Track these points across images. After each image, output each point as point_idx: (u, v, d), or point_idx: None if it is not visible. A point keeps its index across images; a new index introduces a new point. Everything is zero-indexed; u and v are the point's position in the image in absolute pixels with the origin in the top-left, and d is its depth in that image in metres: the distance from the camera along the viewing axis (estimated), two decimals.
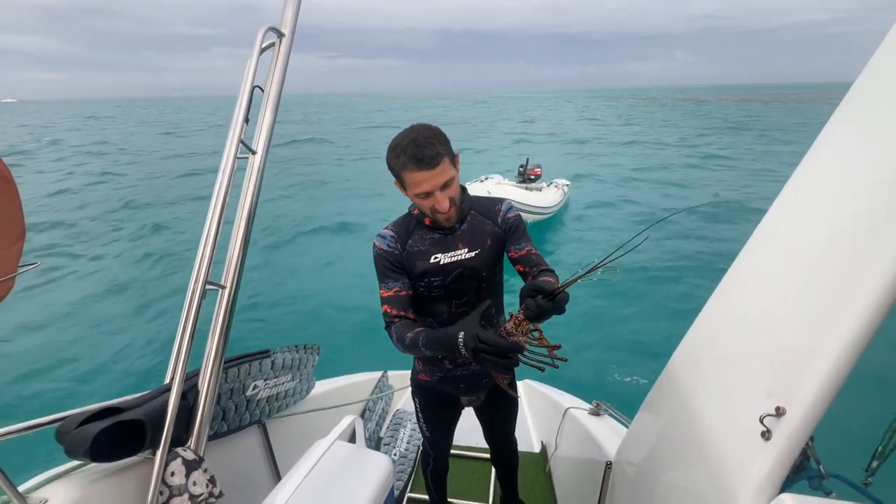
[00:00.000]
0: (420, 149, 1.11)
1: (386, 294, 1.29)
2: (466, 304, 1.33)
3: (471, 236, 1.30)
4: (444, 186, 1.17)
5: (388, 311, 1.28)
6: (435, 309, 1.35)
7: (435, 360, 1.43)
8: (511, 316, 1.04)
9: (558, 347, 1.02)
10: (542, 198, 10.53)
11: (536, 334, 1.02)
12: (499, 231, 1.32)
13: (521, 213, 1.39)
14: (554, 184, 11.78)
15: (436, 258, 1.28)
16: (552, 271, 1.27)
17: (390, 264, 1.29)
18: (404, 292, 1.28)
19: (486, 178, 11.34)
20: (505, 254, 1.36)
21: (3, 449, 0.96)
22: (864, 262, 0.70)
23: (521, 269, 1.30)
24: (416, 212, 1.31)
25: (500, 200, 1.37)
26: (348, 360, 4.47)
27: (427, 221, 1.29)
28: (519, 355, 0.99)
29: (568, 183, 12.27)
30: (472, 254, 1.29)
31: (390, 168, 1.19)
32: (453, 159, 1.19)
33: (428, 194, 1.17)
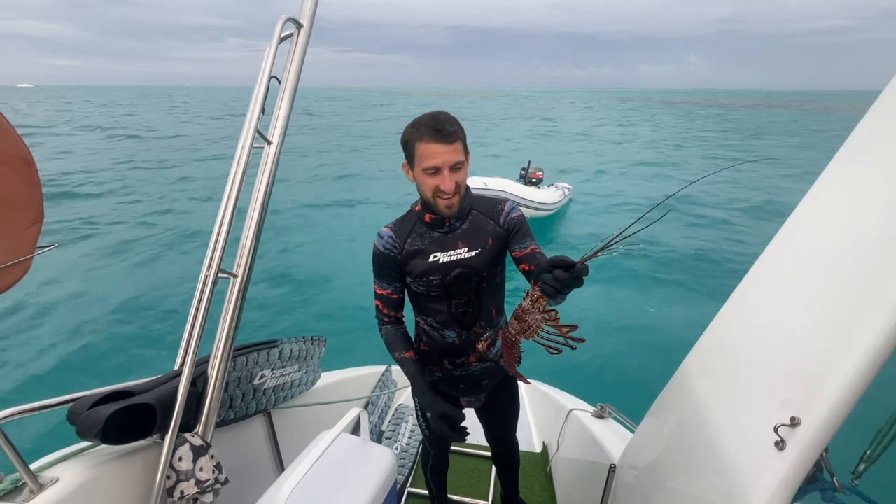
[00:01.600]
0: (440, 122, 1.14)
1: (380, 292, 1.36)
2: (467, 304, 1.31)
3: (472, 235, 1.29)
4: (454, 167, 1.17)
5: (380, 307, 1.38)
6: (435, 308, 1.34)
7: (435, 360, 1.43)
8: (527, 293, 1.00)
9: (575, 328, 0.97)
10: (540, 194, 10.51)
11: (553, 314, 0.99)
12: (501, 231, 1.30)
13: (518, 208, 1.38)
14: (555, 186, 11.75)
15: (435, 257, 1.27)
16: None
17: (387, 268, 1.31)
18: (395, 296, 1.36)
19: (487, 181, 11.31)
20: (508, 253, 1.34)
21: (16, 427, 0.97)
22: (886, 271, 0.69)
23: (526, 267, 1.28)
24: (417, 208, 1.30)
25: (503, 200, 1.35)
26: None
27: (427, 219, 1.27)
28: (535, 336, 1.01)
29: (569, 186, 12.25)
30: (472, 253, 1.28)
31: (404, 143, 1.19)
32: (466, 148, 1.20)
33: (437, 170, 1.16)
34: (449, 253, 1.27)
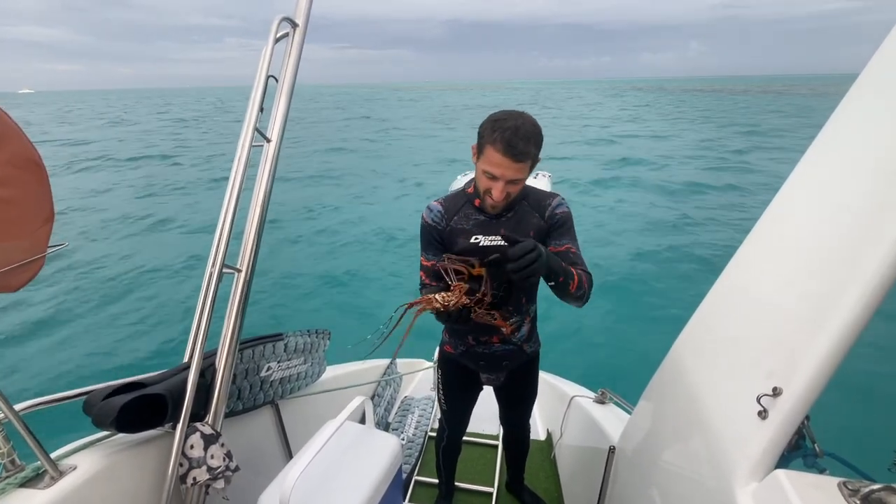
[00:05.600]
0: (517, 138, 1.12)
1: (426, 263, 1.41)
2: (497, 287, 1.38)
3: (515, 225, 1.33)
4: (511, 181, 1.20)
5: (423, 277, 1.43)
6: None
7: (461, 335, 1.51)
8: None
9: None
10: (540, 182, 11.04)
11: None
12: (544, 225, 1.35)
13: None
14: (540, 174, 12.20)
15: (476, 239, 1.33)
16: (585, 272, 1.30)
17: (433, 239, 1.37)
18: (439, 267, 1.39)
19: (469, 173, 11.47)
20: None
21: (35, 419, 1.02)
22: (863, 247, 0.72)
23: None
24: (470, 190, 1.36)
25: (553, 195, 1.38)
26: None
27: (477, 203, 1.33)
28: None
29: (548, 174, 12.70)
30: None
31: (479, 134, 1.20)
32: (534, 164, 1.22)
33: (494, 177, 1.19)
34: (490, 238, 1.33)
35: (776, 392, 0.75)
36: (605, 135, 26.18)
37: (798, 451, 0.77)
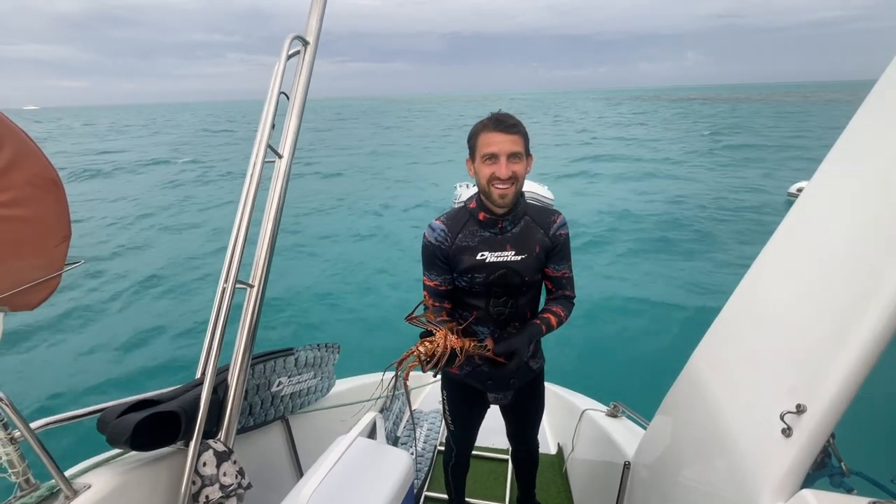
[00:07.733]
0: (503, 116, 1.24)
1: (429, 283, 1.40)
2: (504, 303, 1.36)
3: (520, 240, 1.33)
4: (512, 156, 1.22)
5: (426, 297, 1.41)
6: (473, 303, 1.39)
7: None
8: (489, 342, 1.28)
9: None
10: (545, 190, 11.43)
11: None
12: (548, 242, 1.35)
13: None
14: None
15: (482, 255, 1.32)
16: (568, 299, 1.40)
17: (437, 258, 1.36)
18: (443, 287, 1.39)
19: (470, 185, 11.61)
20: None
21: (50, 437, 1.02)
22: (885, 260, 0.71)
23: (549, 285, 1.41)
24: (472, 205, 1.35)
25: (556, 213, 1.39)
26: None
27: (481, 217, 1.32)
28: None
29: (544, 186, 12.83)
30: (519, 257, 1.32)
31: (469, 137, 1.28)
32: (527, 149, 1.27)
33: (494, 157, 1.21)
34: (496, 254, 1.32)
35: (800, 409, 0.74)
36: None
37: (824, 470, 0.75)
